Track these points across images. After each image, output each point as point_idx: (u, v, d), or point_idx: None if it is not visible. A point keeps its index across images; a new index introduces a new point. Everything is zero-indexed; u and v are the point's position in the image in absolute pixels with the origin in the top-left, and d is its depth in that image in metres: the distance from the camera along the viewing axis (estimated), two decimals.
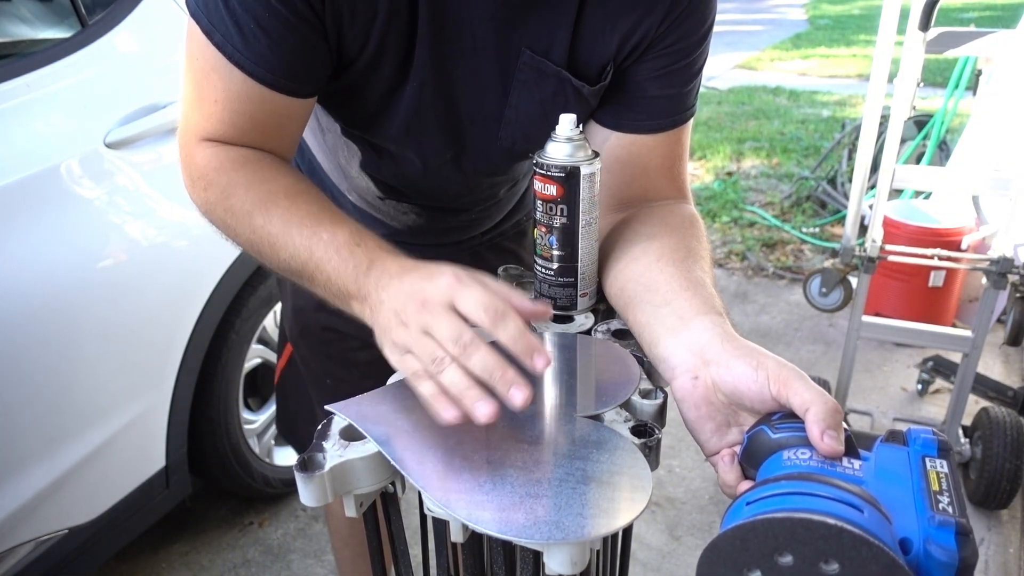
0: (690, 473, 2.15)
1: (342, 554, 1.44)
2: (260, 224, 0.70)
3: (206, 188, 0.74)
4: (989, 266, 1.91)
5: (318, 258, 0.67)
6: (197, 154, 0.74)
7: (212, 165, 0.73)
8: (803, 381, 0.54)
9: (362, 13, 0.70)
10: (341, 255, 0.67)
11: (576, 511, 0.50)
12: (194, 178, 0.75)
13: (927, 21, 1.74)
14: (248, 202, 0.71)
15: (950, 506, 0.46)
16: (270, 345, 1.92)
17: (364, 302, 0.65)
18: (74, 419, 1.40)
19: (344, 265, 0.66)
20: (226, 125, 0.73)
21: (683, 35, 0.77)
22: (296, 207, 0.71)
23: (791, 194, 4.10)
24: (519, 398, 0.54)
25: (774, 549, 0.42)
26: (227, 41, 0.68)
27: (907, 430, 0.53)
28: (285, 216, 0.70)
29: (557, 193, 0.72)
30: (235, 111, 0.72)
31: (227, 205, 0.72)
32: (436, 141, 0.84)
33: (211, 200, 0.74)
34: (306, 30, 0.69)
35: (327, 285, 0.68)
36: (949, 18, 8.83)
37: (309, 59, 0.72)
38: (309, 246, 0.68)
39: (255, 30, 0.68)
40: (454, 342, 0.56)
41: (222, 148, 0.74)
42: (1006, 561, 1.88)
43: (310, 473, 0.55)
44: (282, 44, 0.69)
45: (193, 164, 0.75)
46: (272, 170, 0.75)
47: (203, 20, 0.69)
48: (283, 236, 0.69)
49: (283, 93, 0.72)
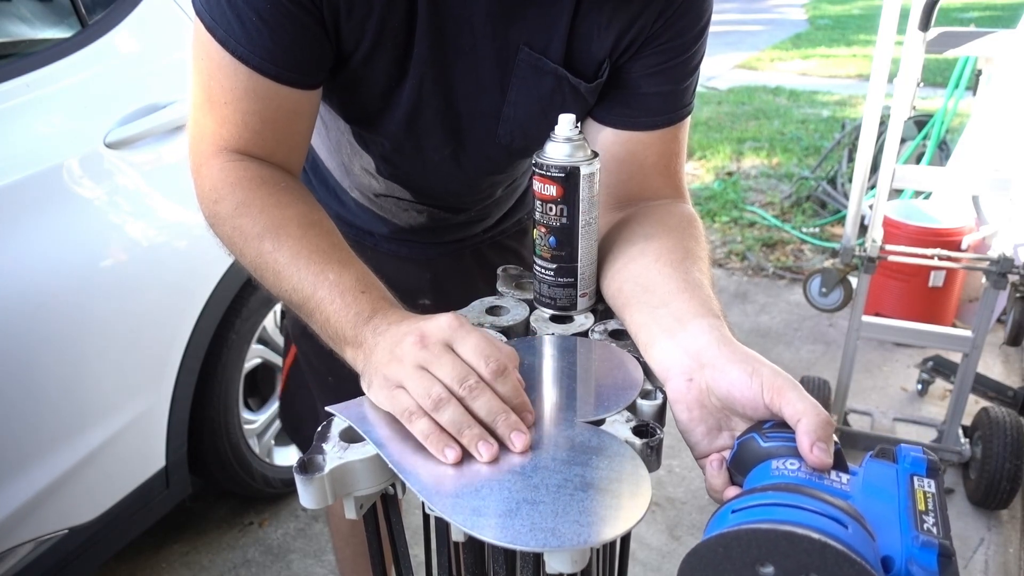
0: (690, 473, 2.15)
1: (343, 554, 1.44)
2: (269, 250, 0.69)
3: (217, 201, 0.73)
4: (989, 266, 1.91)
5: (320, 297, 0.67)
6: (213, 165, 0.73)
7: (228, 180, 0.73)
8: (797, 391, 0.54)
9: (359, 6, 0.70)
10: (345, 299, 0.66)
11: (574, 518, 0.50)
12: (206, 189, 0.74)
13: (927, 21, 1.74)
14: (259, 225, 0.70)
15: (935, 527, 0.46)
16: (270, 345, 1.92)
17: (359, 348, 0.65)
18: (74, 419, 1.40)
19: (346, 310, 0.66)
20: (239, 128, 0.73)
21: (679, 32, 0.77)
22: (307, 239, 0.70)
23: (791, 194, 4.10)
24: (520, 443, 0.56)
25: (756, 559, 0.43)
26: (230, 36, 0.68)
27: (897, 447, 0.53)
28: (295, 247, 0.69)
29: (556, 193, 0.72)
30: (245, 111, 0.72)
31: (237, 223, 0.71)
32: (435, 137, 0.84)
33: (221, 214, 0.72)
34: (306, 20, 0.69)
35: (324, 326, 0.67)
36: (949, 18, 8.83)
37: (312, 50, 0.72)
38: (314, 283, 0.67)
39: (257, 23, 0.68)
40: (459, 383, 0.57)
41: (239, 163, 0.74)
42: (1006, 561, 1.88)
43: (310, 475, 0.55)
44: (284, 35, 0.69)
45: (207, 175, 0.74)
46: (288, 195, 0.74)
47: (206, 17, 0.69)
48: (289, 267, 0.68)
49: (288, 85, 0.72)
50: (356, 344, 0.65)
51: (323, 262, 0.68)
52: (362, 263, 0.71)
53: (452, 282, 1.12)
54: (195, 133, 0.75)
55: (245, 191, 0.72)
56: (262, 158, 0.76)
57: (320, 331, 0.69)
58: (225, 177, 0.73)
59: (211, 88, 0.72)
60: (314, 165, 1.03)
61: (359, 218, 1.05)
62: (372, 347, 0.63)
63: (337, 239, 0.73)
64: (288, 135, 0.77)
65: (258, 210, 0.71)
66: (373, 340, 0.63)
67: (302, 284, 0.68)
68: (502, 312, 0.78)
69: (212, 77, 0.71)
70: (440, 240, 1.08)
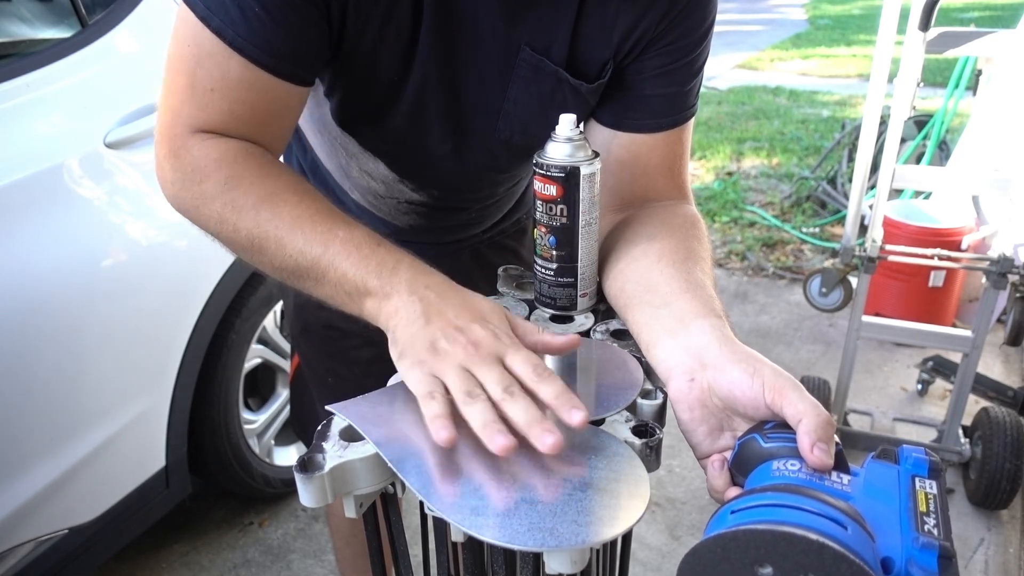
0: (690, 473, 2.15)
1: (343, 553, 1.44)
2: (267, 218, 0.68)
3: (202, 180, 0.70)
4: (989, 266, 1.91)
5: (333, 253, 0.66)
6: (192, 146, 0.70)
7: (212, 156, 0.70)
8: (798, 392, 0.54)
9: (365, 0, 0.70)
10: (362, 252, 0.66)
11: (572, 518, 0.50)
12: (187, 171, 0.71)
13: (927, 21, 1.74)
14: (254, 195, 0.69)
15: (935, 528, 0.46)
16: (270, 345, 1.92)
17: (387, 299, 0.65)
18: (74, 419, 1.40)
19: (365, 262, 0.65)
20: (225, 115, 0.71)
21: (683, 33, 0.77)
22: (305, 204, 0.69)
23: (791, 194, 4.10)
24: (550, 440, 0.53)
25: (755, 560, 0.43)
26: (227, 26, 0.67)
27: (900, 448, 0.53)
28: (295, 212, 0.68)
29: (557, 193, 0.72)
30: (234, 99, 0.70)
31: (230, 197, 0.69)
32: (437, 131, 0.84)
33: (208, 192, 0.70)
34: (311, 13, 0.68)
35: (340, 281, 0.66)
36: (949, 18, 8.83)
37: (311, 42, 0.71)
38: (324, 242, 0.66)
39: (260, 13, 0.66)
40: (503, 389, 0.57)
41: (221, 139, 0.71)
42: (1006, 561, 1.88)
43: (310, 474, 0.55)
44: (286, 27, 0.68)
45: (187, 156, 0.70)
46: (276, 166, 0.73)
47: (199, 6, 0.67)
48: (293, 231, 0.67)
49: (284, 79, 0.71)
50: (383, 295, 0.65)
51: (328, 222, 0.68)
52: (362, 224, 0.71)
53: None
54: (167, 119, 0.72)
55: (232, 165, 0.70)
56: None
57: (333, 290, 0.67)
58: (208, 154, 0.70)
59: (196, 73, 0.69)
60: (313, 166, 1.03)
61: (359, 219, 1.05)
62: (408, 306, 0.63)
63: (331, 204, 0.72)
64: (274, 126, 0.75)
65: (249, 182, 0.69)
66: (408, 298, 0.64)
67: (309, 246, 0.67)
68: None
69: (199, 63, 0.69)
70: (439, 240, 1.08)
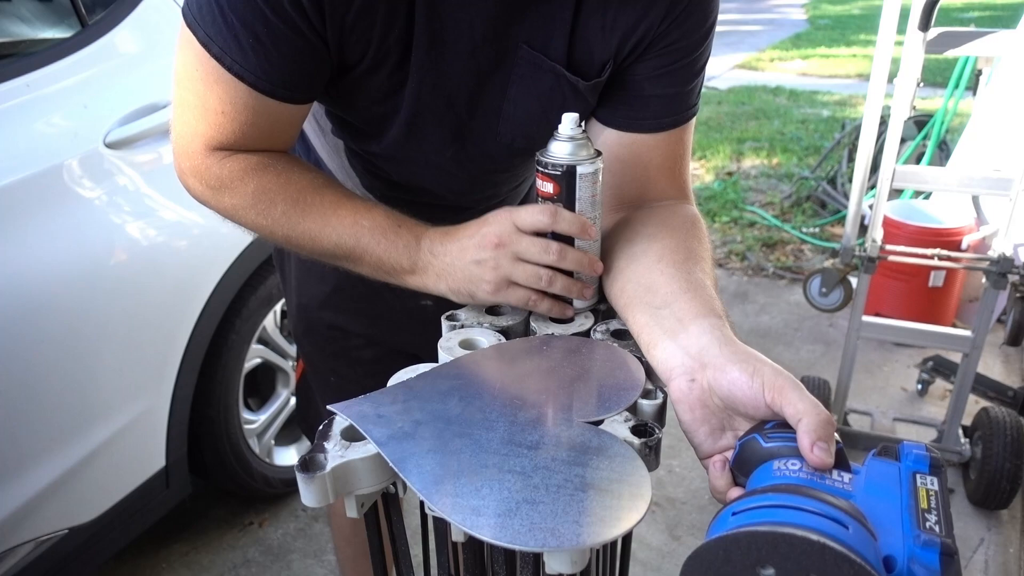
0: (690, 473, 2.15)
1: (344, 553, 1.44)
2: (298, 222, 0.77)
3: (231, 196, 0.78)
4: (989, 266, 1.91)
5: (365, 244, 0.76)
6: (213, 164, 0.77)
7: (234, 174, 0.77)
8: (798, 391, 0.54)
9: (362, 21, 0.71)
10: (388, 238, 0.76)
11: (573, 518, 0.50)
12: (214, 186, 0.78)
13: (927, 21, 1.74)
14: (280, 203, 0.77)
15: (937, 525, 0.46)
16: (270, 345, 1.92)
17: (424, 273, 0.76)
18: (74, 419, 1.40)
19: (394, 247, 0.75)
20: (237, 135, 0.76)
21: (684, 34, 0.77)
22: (327, 201, 0.77)
23: (791, 194, 4.10)
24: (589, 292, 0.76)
25: (756, 561, 0.43)
26: (226, 53, 0.69)
27: (901, 445, 0.53)
28: (319, 211, 0.77)
29: (554, 191, 0.72)
30: (243, 122, 0.74)
31: (260, 209, 0.78)
32: (437, 138, 0.84)
33: (239, 205, 0.78)
34: (303, 43, 0.70)
35: (379, 265, 0.77)
36: (949, 18, 8.83)
37: (309, 68, 0.73)
38: (354, 234, 0.76)
39: (253, 44, 0.68)
40: (547, 252, 0.70)
41: (238, 156, 0.78)
42: (1006, 561, 1.88)
43: (311, 474, 0.55)
44: (281, 57, 0.70)
45: (208, 173, 0.78)
46: (293, 169, 0.80)
47: (200, 31, 0.69)
48: (325, 230, 0.76)
49: (286, 102, 0.74)
50: (420, 270, 0.76)
51: (351, 214, 0.77)
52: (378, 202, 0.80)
53: None
54: (184, 133, 0.77)
55: (255, 179, 0.77)
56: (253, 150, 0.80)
57: (372, 271, 0.78)
58: (231, 172, 0.77)
59: (206, 96, 0.73)
60: (316, 165, 1.03)
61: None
62: (444, 268, 0.74)
63: (347, 190, 0.81)
64: (283, 134, 0.80)
65: (274, 191, 0.77)
66: (440, 262, 0.75)
67: (342, 239, 0.76)
68: (501, 312, 0.78)
69: (208, 87, 0.72)
70: None
